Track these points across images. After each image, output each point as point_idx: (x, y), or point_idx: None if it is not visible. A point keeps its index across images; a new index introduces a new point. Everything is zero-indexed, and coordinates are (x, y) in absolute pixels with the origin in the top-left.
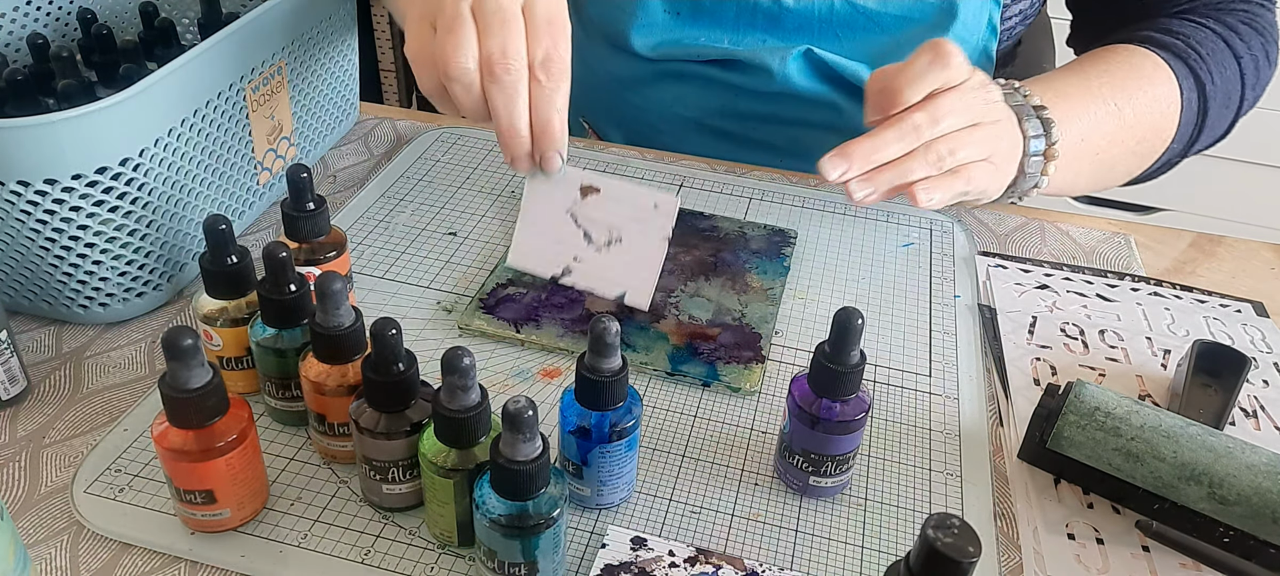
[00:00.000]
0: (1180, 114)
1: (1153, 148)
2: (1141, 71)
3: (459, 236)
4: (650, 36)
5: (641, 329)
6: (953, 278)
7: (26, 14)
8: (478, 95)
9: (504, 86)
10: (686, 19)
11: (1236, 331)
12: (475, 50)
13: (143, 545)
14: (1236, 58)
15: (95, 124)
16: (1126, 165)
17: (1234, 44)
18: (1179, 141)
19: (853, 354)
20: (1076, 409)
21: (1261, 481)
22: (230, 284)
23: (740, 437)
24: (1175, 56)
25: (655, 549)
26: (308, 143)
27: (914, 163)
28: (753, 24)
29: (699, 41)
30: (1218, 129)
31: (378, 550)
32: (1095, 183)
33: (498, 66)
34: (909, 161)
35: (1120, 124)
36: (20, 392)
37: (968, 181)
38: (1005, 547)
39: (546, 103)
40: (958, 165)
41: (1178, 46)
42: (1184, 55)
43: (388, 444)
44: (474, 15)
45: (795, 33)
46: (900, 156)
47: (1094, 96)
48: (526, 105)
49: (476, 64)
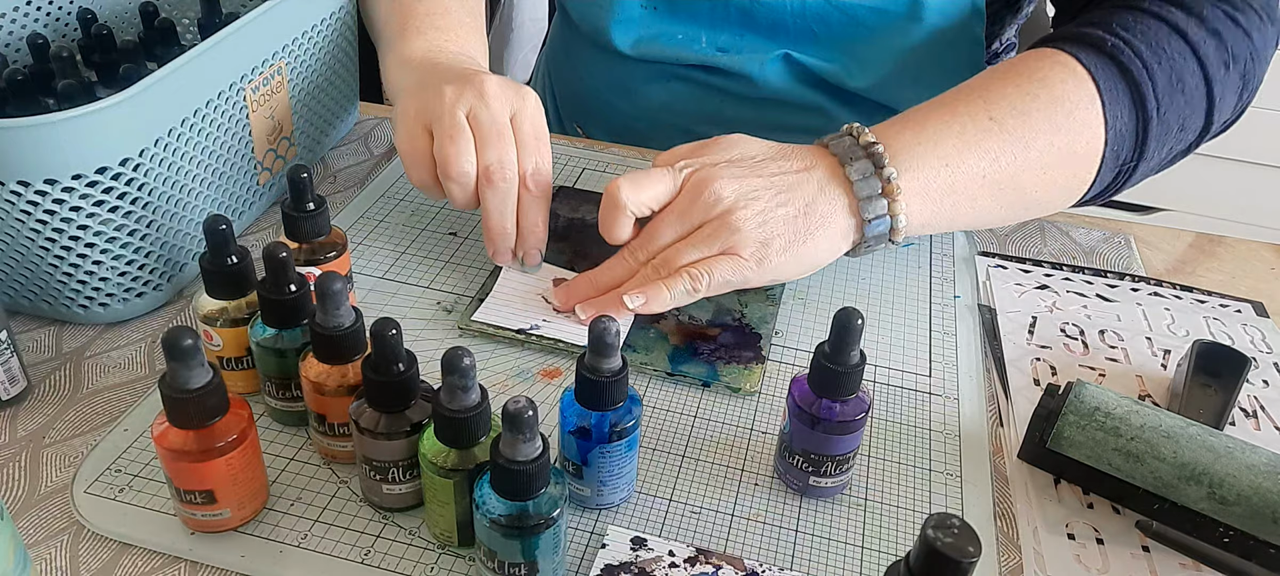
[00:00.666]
0: (1102, 110)
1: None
2: (1031, 74)
3: (459, 236)
4: (630, 32)
5: (641, 329)
6: (953, 278)
7: (26, 14)
8: (472, 195)
9: (499, 193)
10: (663, 13)
11: (1236, 331)
12: (474, 158)
13: (143, 545)
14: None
15: (95, 124)
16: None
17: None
18: (1119, 142)
19: (853, 354)
20: (1076, 409)
21: (1261, 481)
22: (230, 284)
23: (740, 437)
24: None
25: (655, 549)
26: (308, 143)
27: (629, 280)
28: (727, 19)
29: (677, 39)
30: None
31: (378, 550)
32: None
33: (495, 175)
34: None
35: (1004, 135)
36: (20, 392)
37: (694, 280)
38: (1005, 547)
39: (534, 210)
40: (677, 269)
41: (1094, 37)
42: (1099, 44)
43: (388, 444)
44: (471, 126)
45: (770, 31)
46: (621, 281)
47: (957, 113)
48: (515, 209)
49: (474, 170)
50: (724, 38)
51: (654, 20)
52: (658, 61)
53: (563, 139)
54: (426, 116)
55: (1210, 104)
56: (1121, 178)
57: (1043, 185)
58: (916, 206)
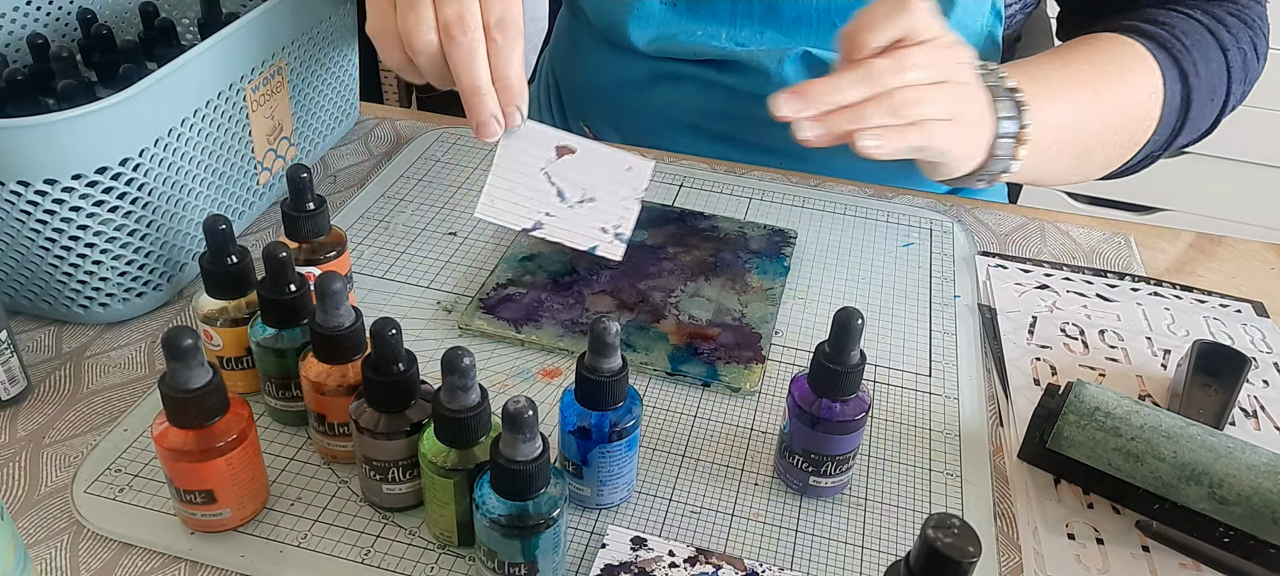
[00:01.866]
0: (1162, 105)
1: (1133, 137)
2: (1123, 59)
3: (459, 236)
4: (648, 29)
5: (642, 328)
6: (953, 278)
7: (26, 14)
8: (440, 62)
9: (461, 47)
10: (683, 11)
11: (1236, 331)
12: (433, 21)
13: (143, 545)
14: (1222, 50)
15: (95, 124)
16: (1104, 155)
17: (1221, 36)
18: (1161, 133)
19: (853, 354)
20: (1076, 409)
21: (1261, 481)
22: (230, 284)
23: (740, 437)
24: (1159, 46)
25: (655, 549)
26: (308, 143)
27: (871, 108)
28: (749, 16)
29: (696, 36)
30: (1201, 123)
31: (378, 550)
32: (1071, 171)
33: (455, 29)
34: (866, 106)
35: (1099, 111)
36: (20, 392)
37: (925, 137)
38: (1005, 547)
39: (504, 60)
40: (916, 119)
41: (1162, 36)
42: (1168, 45)
43: (388, 444)
44: None
45: (793, 26)
46: (858, 101)
47: (1073, 82)
48: (485, 64)
49: (436, 33)
50: (744, 33)
51: (674, 18)
52: (673, 59)
53: None
54: None
55: (1225, 103)
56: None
57: (1103, 156)
58: (1029, 157)
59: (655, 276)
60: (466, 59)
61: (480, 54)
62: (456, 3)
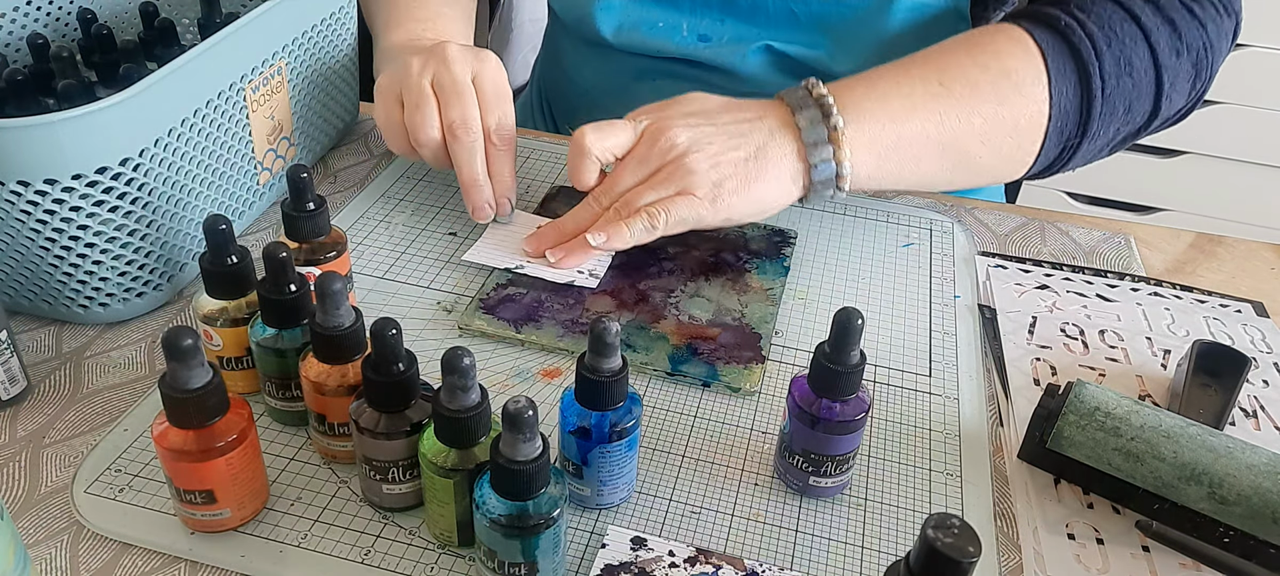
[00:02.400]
0: (1048, 85)
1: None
2: (985, 46)
3: (459, 236)
4: (612, 17)
5: (641, 329)
6: (953, 278)
7: (26, 14)
8: (443, 154)
9: (464, 146)
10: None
11: (1236, 331)
12: (438, 122)
13: (143, 545)
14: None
15: (95, 124)
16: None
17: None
18: (1062, 122)
19: (853, 354)
20: (1076, 409)
21: (1261, 481)
22: (230, 284)
23: (740, 437)
24: (1047, 28)
25: (655, 549)
26: (308, 143)
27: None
28: (707, 4)
29: (658, 26)
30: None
31: (378, 550)
32: (954, 172)
33: (459, 130)
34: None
35: (952, 100)
36: (20, 392)
37: (652, 217)
38: (1005, 547)
39: (500, 161)
40: (639, 207)
41: (1050, 15)
42: (1053, 22)
43: (388, 444)
44: (434, 91)
45: (751, 14)
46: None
47: (909, 76)
48: (484, 161)
49: (440, 132)
50: (705, 25)
51: (635, 6)
52: (640, 54)
53: (558, 139)
54: (397, 88)
55: (1159, 90)
56: (1067, 153)
57: (986, 152)
58: (862, 158)
59: (655, 276)
60: (468, 157)
61: (479, 153)
62: (460, 107)
